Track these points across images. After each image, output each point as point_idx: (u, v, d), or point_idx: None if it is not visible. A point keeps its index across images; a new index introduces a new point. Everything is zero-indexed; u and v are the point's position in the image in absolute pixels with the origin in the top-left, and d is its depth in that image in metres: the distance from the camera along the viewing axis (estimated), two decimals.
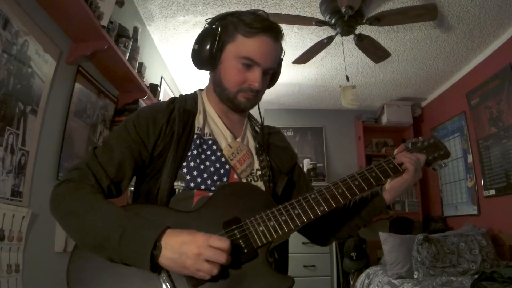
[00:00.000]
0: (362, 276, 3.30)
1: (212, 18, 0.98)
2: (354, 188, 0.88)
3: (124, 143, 0.88)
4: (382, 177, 0.92)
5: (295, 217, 0.82)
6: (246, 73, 0.93)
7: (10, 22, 1.34)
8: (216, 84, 0.98)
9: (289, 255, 1.00)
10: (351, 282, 3.56)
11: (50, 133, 1.63)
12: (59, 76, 1.67)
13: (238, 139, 1.00)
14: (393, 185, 0.97)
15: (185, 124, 0.93)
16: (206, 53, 0.94)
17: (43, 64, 1.55)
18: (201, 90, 1.07)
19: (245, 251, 0.77)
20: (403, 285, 2.62)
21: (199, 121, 0.96)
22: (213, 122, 1.00)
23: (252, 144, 1.02)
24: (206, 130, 0.96)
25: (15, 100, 1.39)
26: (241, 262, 0.76)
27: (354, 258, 3.50)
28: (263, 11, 0.98)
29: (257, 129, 1.07)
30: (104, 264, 0.74)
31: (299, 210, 0.83)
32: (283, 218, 0.81)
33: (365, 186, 0.89)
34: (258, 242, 0.78)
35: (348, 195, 0.87)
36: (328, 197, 0.86)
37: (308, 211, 0.83)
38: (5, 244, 1.30)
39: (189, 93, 1.06)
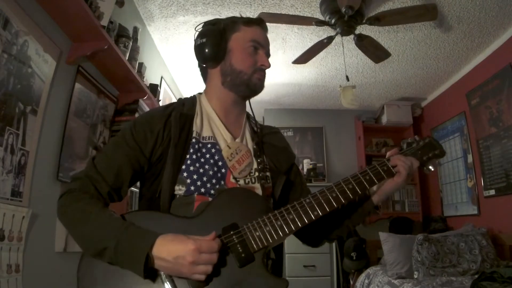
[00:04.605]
0: (362, 276, 3.30)
1: (204, 22, 1.06)
2: (348, 192, 0.90)
3: (122, 150, 0.91)
4: (375, 180, 0.94)
5: (290, 222, 0.85)
6: (255, 56, 1.01)
7: (10, 22, 1.34)
8: (227, 73, 1.01)
9: (289, 255, 1.02)
10: (351, 282, 3.56)
11: (50, 133, 1.63)
12: (59, 76, 1.67)
13: (238, 140, 1.02)
14: (383, 187, 0.98)
15: (182, 129, 0.95)
16: (213, 46, 0.99)
17: (43, 64, 1.55)
18: (200, 93, 1.10)
19: (243, 255, 0.81)
20: (403, 285, 2.62)
21: (196, 124, 0.98)
22: (213, 123, 1.02)
23: (250, 144, 1.04)
24: (205, 133, 0.99)
25: (15, 100, 1.39)
26: (239, 266, 0.80)
27: (354, 258, 3.50)
28: None
29: (256, 129, 1.09)
30: (111, 269, 0.79)
31: (294, 215, 0.86)
32: (279, 223, 0.85)
33: (358, 190, 0.92)
34: (255, 246, 0.82)
35: (342, 199, 0.90)
36: (323, 201, 0.88)
37: (303, 216, 0.86)
38: (5, 244, 1.30)
39: (188, 96, 1.08)
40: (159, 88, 2.81)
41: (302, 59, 2.96)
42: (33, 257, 1.45)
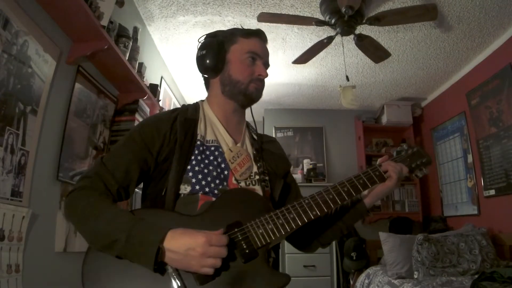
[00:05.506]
0: (362, 276, 3.30)
1: (206, 35, 1.11)
2: (344, 194, 0.97)
3: (130, 149, 0.95)
4: (369, 184, 1.00)
5: (290, 220, 0.90)
6: (252, 67, 1.06)
7: (10, 22, 1.34)
8: (225, 83, 1.06)
9: (289, 255, 1.05)
10: (351, 282, 3.56)
11: (50, 133, 1.63)
12: (59, 76, 1.67)
13: (238, 144, 1.07)
14: (375, 191, 1.04)
15: (187, 132, 1.00)
16: (212, 57, 1.05)
17: (43, 64, 1.55)
18: (202, 101, 1.15)
19: (247, 251, 0.84)
20: (403, 285, 2.62)
21: (200, 129, 1.04)
22: (216, 128, 1.07)
23: (250, 150, 1.10)
24: (209, 137, 1.04)
25: (15, 100, 1.39)
26: (243, 262, 0.83)
27: (354, 258, 3.50)
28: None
29: (255, 136, 1.15)
30: (117, 264, 0.81)
31: (294, 214, 0.91)
32: (280, 221, 0.89)
33: (353, 192, 0.98)
34: (258, 243, 0.86)
35: (338, 200, 0.95)
36: (320, 202, 0.94)
37: (302, 215, 0.92)
38: (5, 244, 1.30)
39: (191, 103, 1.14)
40: (159, 88, 2.81)
41: (302, 59, 2.96)
42: (33, 257, 1.46)
